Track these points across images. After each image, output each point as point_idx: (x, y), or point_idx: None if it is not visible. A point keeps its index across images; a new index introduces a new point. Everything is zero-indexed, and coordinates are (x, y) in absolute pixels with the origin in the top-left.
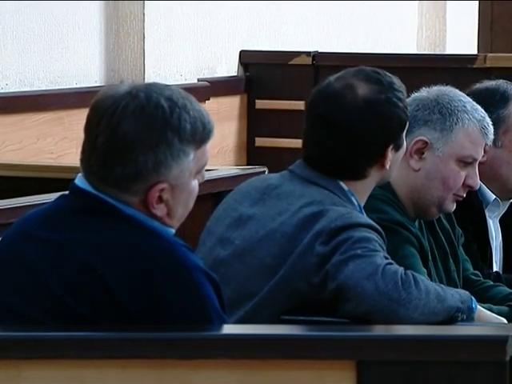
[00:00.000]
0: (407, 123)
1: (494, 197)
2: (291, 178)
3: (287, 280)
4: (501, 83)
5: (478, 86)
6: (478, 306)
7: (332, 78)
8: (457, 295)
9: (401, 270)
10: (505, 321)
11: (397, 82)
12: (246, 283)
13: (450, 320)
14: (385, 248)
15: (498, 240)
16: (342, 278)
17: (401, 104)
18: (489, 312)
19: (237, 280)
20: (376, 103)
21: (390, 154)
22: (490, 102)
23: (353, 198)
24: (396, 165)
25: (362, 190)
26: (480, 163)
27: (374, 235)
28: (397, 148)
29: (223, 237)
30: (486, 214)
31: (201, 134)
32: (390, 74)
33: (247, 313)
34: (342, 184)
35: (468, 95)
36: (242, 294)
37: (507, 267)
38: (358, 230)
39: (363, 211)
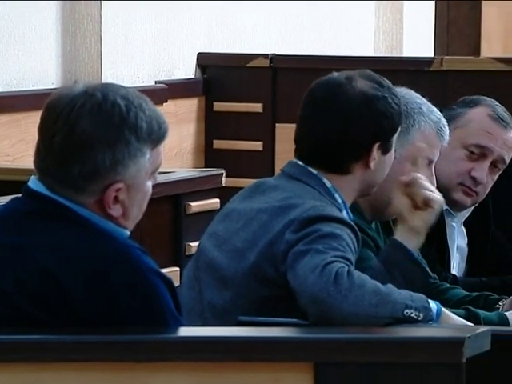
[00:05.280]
0: (399, 129)
1: (446, 207)
2: (280, 176)
3: (258, 266)
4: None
5: None
6: (445, 310)
7: (335, 73)
8: (407, 294)
9: (340, 266)
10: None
11: (395, 90)
12: (219, 268)
13: (404, 318)
14: (356, 244)
15: (461, 243)
16: (296, 268)
17: (396, 107)
18: (455, 316)
19: (212, 265)
20: (372, 97)
21: (376, 153)
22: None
23: (336, 195)
24: (383, 171)
25: (345, 187)
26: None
27: (345, 231)
28: (384, 150)
29: (212, 231)
30: (446, 217)
31: (156, 134)
32: (389, 82)
33: (226, 302)
34: (326, 181)
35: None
36: (217, 278)
37: (473, 270)
38: (328, 223)
39: (348, 209)
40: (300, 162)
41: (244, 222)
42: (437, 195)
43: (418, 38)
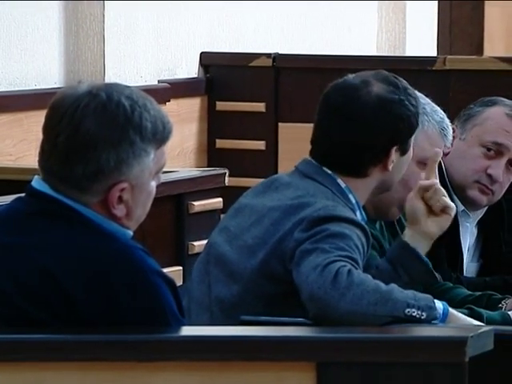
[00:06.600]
0: (416, 130)
1: (463, 208)
2: (293, 173)
3: (267, 264)
4: None
5: None
6: (452, 310)
7: (350, 75)
8: (410, 293)
9: (342, 265)
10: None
11: (412, 90)
12: (229, 263)
13: (405, 317)
14: (365, 245)
15: (471, 243)
16: (301, 266)
17: (413, 109)
18: (463, 316)
19: (222, 260)
20: (389, 101)
21: (394, 155)
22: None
23: (350, 196)
24: (400, 171)
25: (361, 189)
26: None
27: (354, 232)
28: (402, 152)
29: (223, 226)
30: (460, 218)
31: (161, 134)
32: (406, 82)
33: (234, 297)
34: (340, 181)
35: None
36: (226, 273)
37: (488, 269)
38: (338, 223)
39: (361, 210)
40: (314, 162)
41: (256, 219)
42: (451, 202)
43: (420, 38)
